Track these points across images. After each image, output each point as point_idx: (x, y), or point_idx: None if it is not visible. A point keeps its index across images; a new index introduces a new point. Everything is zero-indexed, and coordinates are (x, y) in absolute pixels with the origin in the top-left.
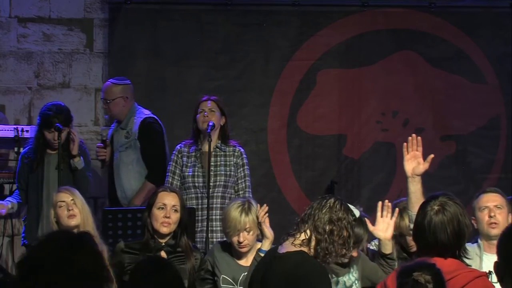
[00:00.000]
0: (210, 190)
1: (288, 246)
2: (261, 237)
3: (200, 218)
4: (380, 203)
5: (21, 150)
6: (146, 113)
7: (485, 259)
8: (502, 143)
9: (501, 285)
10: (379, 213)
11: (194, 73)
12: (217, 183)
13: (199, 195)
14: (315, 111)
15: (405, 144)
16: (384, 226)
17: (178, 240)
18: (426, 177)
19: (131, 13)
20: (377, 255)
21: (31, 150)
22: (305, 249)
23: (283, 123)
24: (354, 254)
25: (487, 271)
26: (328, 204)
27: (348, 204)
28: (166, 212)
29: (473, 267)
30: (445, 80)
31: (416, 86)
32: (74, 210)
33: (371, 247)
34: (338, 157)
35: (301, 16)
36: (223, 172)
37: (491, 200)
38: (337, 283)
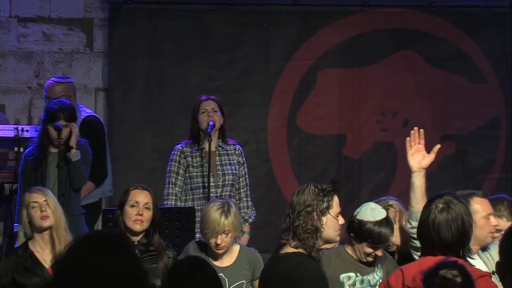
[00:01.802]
0: (219, 189)
1: (287, 247)
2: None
3: None
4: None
5: (21, 150)
6: (88, 111)
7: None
8: (502, 143)
9: (502, 284)
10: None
11: (194, 73)
12: (226, 182)
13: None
14: (315, 111)
15: (408, 138)
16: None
17: (151, 238)
18: (426, 177)
19: (131, 13)
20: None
21: (35, 147)
22: (302, 250)
23: (283, 123)
24: (379, 253)
25: (491, 271)
26: (297, 203)
27: (375, 204)
28: (139, 210)
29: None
30: (445, 80)
31: (416, 86)
32: (47, 211)
33: None
34: (338, 157)
35: (301, 16)
36: (230, 171)
37: None
38: (362, 281)
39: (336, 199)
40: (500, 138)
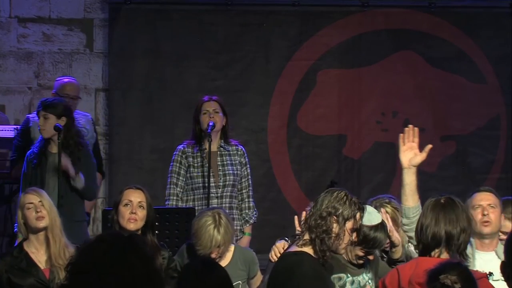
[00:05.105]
0: (220, 190)
1: (293, 246)
2: None
3: None
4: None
5: None
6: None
7: (477, 257)
8: (502, 143)
9: (508, 284)
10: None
11: (194, 73)
12: (227, 182)
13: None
14: (315, 111)
15: (401, 135)
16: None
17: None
18: (426, 177)
19: (131, 13)
20: (387, 261)
21: (36, 147)
22: (306, 249)
23: (283, 123)
24: (371, 257)
25: (487, 273)
26: (322, 201)
27: (372, 208)
28: (132, 208)
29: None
30: (445, 80)
31: (416, 86)
32: (42, 212)
33: None
34: (338, 157)
35: (301, 16)
36: (231, 172)
37: (484, 199)
38: (352, 282)
39: (358, 216)
40: (500, 138)
